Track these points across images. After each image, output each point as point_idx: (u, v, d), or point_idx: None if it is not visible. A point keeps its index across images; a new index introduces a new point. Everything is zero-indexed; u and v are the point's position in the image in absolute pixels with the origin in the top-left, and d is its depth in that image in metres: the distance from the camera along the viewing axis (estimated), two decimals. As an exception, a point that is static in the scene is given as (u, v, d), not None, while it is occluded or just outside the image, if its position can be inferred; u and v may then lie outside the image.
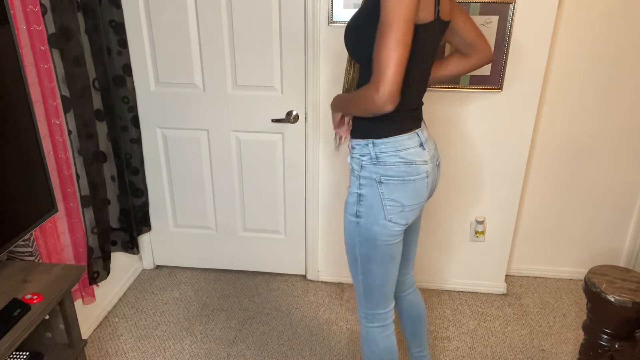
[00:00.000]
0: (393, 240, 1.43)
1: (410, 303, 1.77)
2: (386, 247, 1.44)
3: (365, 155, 1.39)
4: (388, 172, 1.37)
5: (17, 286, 1.46)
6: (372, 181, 1.38)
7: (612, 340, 1.61)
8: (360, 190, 1.41)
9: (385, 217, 1.39)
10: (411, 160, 1.38)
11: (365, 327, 1.58)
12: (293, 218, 2.59)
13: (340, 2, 2.10)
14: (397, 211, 1.39)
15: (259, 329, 2.33)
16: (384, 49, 1.17)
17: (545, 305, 2.51)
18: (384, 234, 1.41)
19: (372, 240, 1.42)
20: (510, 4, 2.04)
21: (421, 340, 1.83)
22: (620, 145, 2.43)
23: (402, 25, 1.16)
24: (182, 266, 2.80)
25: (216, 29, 2.23)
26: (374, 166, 1.38)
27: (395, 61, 1.16)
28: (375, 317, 1.55)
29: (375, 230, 1.41)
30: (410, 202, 1.40)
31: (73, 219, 1.99)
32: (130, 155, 2.45)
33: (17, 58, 1.44)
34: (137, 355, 2.17)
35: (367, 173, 1.39)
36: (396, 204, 1.39)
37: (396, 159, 1.37)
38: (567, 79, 2.32)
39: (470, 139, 2.31)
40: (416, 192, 1.40)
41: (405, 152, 1.37)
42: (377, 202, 1.39)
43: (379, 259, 1.45)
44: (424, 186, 1.41)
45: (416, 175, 1.38)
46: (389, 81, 1.17)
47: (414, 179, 1.38)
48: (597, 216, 2.59)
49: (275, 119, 2.35)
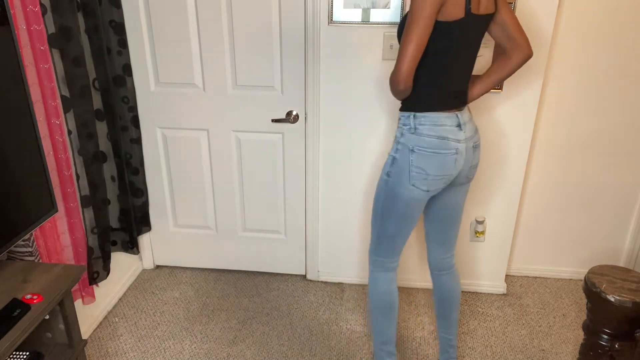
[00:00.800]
0: (412, 203, 1.64)
1: (442, 284, 1.90)
2: (404, 208, 1.65)
3: (407, 125, 1.60)
4: (421, 143, 1.57)
5: (17, 286, 1.46)
6: (406, 148, 1.59)
7: (612, 340, 1.61)
8: (395, 154, 1.63)
9: (409, 181, 1.60)
10: (444, 136, 1.57)
11: (372, 272, 1.82)
12: (293, 218, 2.59)
13: (340, 2, 2.10)
14: (421, 178, 1.59)
15: (259, 329, 2.33)
16: (402, 43, 1.45)
17: (545, 305, 2.51)
18: (406, 195, 1.62)
19: (393, 199, 1.65)
20: (510, 4, 2.04)
21: (449, 323, 1.93)
22: (620, 145, 2.43)
23: (419, 25, 1.41)
24: (182, 266, 2.80)
25: (216, 29, 2.23)
26: (411, 135, 1.59)
27: (408, 54, 1.44)
28: (380, 263, 1.79)
29: (399, 191, 1.63)
30: (434, 172, 1.58)
31: (73, 219, 1.99)
32: (130, 155, 2.45)
33: (17, 58, 1.44)
34: (137, 355, 2.17)
35: (404, 140, 1.60)
36: (421, 171, 1.58)
37: (431, 132, 1.57)
38: (567, 79, 2.32)
39: (470, 139, 2.31)
40: (442, 165, 1.58)
41: (441, 128, 1.57)
42: (405, 168, 1.60)
43: (396, 215, 1.67)
44: (452, 161, 1.59)
45: (445, 150, 1.57)
46: (400, 69, 1.46)
47: (443, 152, 1.57)
48: (597, 216, 2.59)
49: (275, 119, 2.36)
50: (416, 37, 1.42)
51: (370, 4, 2.09)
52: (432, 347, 2.22)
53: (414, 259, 2.58)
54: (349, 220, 2.54)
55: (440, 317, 1.94)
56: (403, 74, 1.46)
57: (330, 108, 2.31)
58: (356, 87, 2.25)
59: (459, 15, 1.45)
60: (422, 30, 1.42)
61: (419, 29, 1.42)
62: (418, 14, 1.41)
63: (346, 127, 2.34)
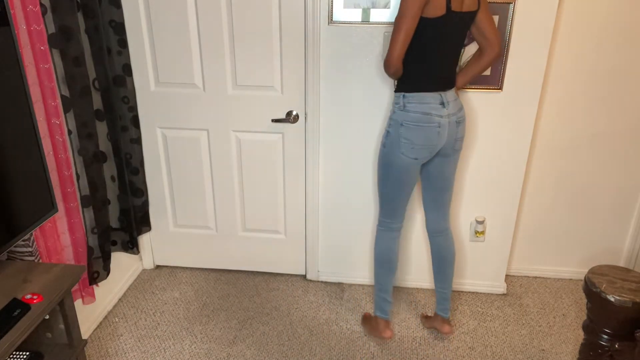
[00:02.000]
0: (404, 170, 1.93)
1: (439, 244, 2.18)
2: (398, 173, 1.95)
3: (398, 103, 1.90)
4: (408, 118, 1.86)
5: (17, 286, 1.46)
6: (397, 123, 1.89)
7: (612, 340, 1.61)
8: (389, 128, 1.93)
9: (400, 151, 1.90)
10: (428, 112, 1.85)
11: (377, 230, 2.13)
12: (293, 218, 2.59)
13: (340, 2, 2.10)
14: (409, 147, 1.88)
15: (259, 329, 2.33)
16: (393, 34, 1.73)
17: (545, 305, 2.51)
18: (398, 162, 1.93)
19: (389, 166, 1.96)
20: (510, 4, 2.04)
21: (444, 278, 2.21)
22: (621, 145, 2.43)
23: (406, 18, 1.68)
24: (182, 266, 2.80)
25: (216, 29, 2.23)
26: (400, 112, 1.88)
27: (397, 43, 1.73)
28: (383, 223, 2.10)
29: (392, 159, 1.94)
30: (419, 142, 1.87)
31: (73, 219, 1.99)
32: (130, 155, 2.45)
33: (17, 58, 1.44)
34: (137, 355, 2.17)
35: (395, 117, 1.90)
36: (408, 142, 1.88)
37: (417, 109, 1.85)
38: (567, 79, 2.32)
39: (471, 139, 2.31)
40: (426, 136, 1.86)
41: (426, 105, 1.85)
42: (396, 139, 1.90)
43: (392, 180, 1.98)
44: (435, 133, 1.87)
45: (429, 124, 1.85)
46: (392, 54, 1.75)
47: (427, 125, 1.85)
48: (597, 216, 2.59)
49: (275, 119, 2.36)
50: (404, 30, 1.70)
51: (370, 4, 2.09)
52: (432, 347, 2.22)
53: (414, 259, 2.58)
54: (349, 220, 2.54)
55: (437, 274, 2.22)
56: (393, 59, 1.75)
57: (330, 108, 2.31)
58: (356, 87, 2.25)
59: (440, 12, 1.70)
60: (409, 25, 1.69)
61: (406, 24, 1.69)
62: (405, 11, 1.68)
63: (346, 127, 2.34)
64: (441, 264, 2.19)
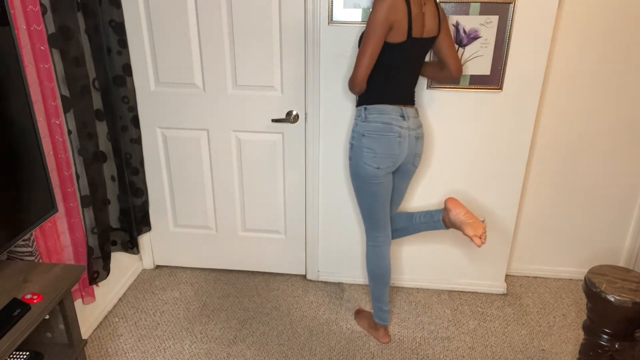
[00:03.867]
0: (371, 181, 1.97)
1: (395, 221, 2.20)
2: (366, 185, 1.99)
3: (360, 116, 1.96)
4: (369, 128, 1.92)
5: (17, 286, 1.46)
6: (359, 134, 1.95)
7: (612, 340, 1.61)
8: (352, 141, 1.98)
9: (363, 161, 1.94)
10: (388, 122, 1.91)
11: (367, 246, 2.17)
12: (293, 218, 2.59)
13: (340, 2, 2.10)
14: (371, 157, 1.93)
15: (259, 329, 2.33)
16: (358, 56, 1.82)
17: (545, 305, 2.51)
18: (363, 173, 1.97)
19: (357, 178, 2.01)
20: (510, 4, 2.04)
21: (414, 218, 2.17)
22: (620, 145, 2.43)
23: (371, 43, 1.79)
24: (182, 266, 2.80)
25: (216, 29, 2.23)
26: (362, 123, 1.94)
27: (362, 65, 1.81)
28: (371, 237, 2.14)
29: (358, 171, 1.98)
30: (381, 151, 1.92)
31: (73, 219, 1.99)
32: (130, 155, 2.45)
33: (17, 58, 1.44)
34: (137, 355, 2.17)
35: (357, 129, 1.96)
36: (370, 151, 1.92)
37: (378, 119, 1.91)
38: (567, 79, 2.32)
39: (471, 139, 2.31)
40: (387, 144, 1.91)
41: (387, 116, 1.91)
42: (359, 150, 1.95)
43: (364, 193, 2.03)
44: (396, 143, 1.92)
45: (390, 133, 1.91)
46: (356, 76, 1.83)
47: (388, 134, 1.91)
48: (597, 216, 2.59)
49: (275, 119, 2.36)
50: (368, 53, 1.80)
51: (370, 3, 2.09)
52: (432, 347, 2.22)
53: (414, 259, 2.58)
54: (349, 220, 2.54)
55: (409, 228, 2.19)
56: (358, 80, 1.83)
57: (330, 108, 2.31)
58: (356, 87, 2.25)
59: (402, 39, 1.81)
60: (373, 49, 1.79)
61: (370, 48, 1.79)
62: (370, 36, 1.78)
63: (346, 127, 2.34)
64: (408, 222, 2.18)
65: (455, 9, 2.07)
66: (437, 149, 2.34)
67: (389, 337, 2.26)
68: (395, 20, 1.76)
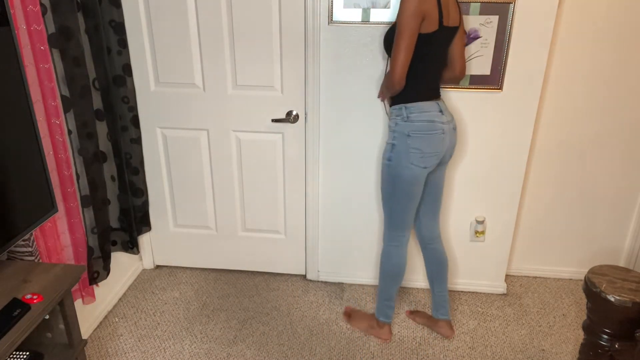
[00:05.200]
0: (413, 181, 1.92)
1: (434, 251, 2.21)
2: (407, 186, 1.93)
3: (400, 115, 1.91)
4: (414, 128, 1.88)
5: (17, 286, 1.46)
6: (402, 135, 1.89)
7: (612, 340, 1.61)
8: (393, 141, 1.92)
9: (409, 161, 1.89)
10: (431, 119, 1.88)
11: (386, 245, 2.11)
12: (293, 218, 2.59)
13: (340, 2, 2.10)
14: (418, 157, 1.89)
15: (259, 329, 2.33)
16: (394, 53, 1.78)
17: (545, 305, 2.51)
18: (407, 174, 1.91)
19: (397, 180, 1.94)
20: (510, 4, 2.04)
21: (442, 281, 2.24)
22: (620, 145, 2.43)
23: (406, 36, 1.74)
24: (182, 266, 2.80)
25: (216, 29, 2.23)
26: (405, 123, 1.89)
27: (400, 60, 1.77)
28: (394, 237, 2.08)
29: (400, 172, 1.92)
30: (428, 150, 1.88)
31: (73, 219, 1.99)
32: (130, 155, 2.45)
33: (17, 58, 1.44)
34: (137, 355, 2.17)
35: (399, 128, 1.90)
36: (417, 151, 1.88)
37: (421, 117, 1.87)
38: (567, 79, 2.32)
39: (471, 139, 2.31)
40: (434, 143, 1.88)
41: (428, 114, 1.88)
42: (403, 151, 1.89)
43: (401, 194, 1.96)
44: (440, 140, 1.90)
45: (434, 131, 1.88)
46: (395, 73, 1.79)
47: (433, 133, 1.88)
48: (597, 216, 2.59)
49: (275, 119, 2.36)
50: (404, 47, 1.75)
51: (370, 4, 2.09)
52: (432, 347, 2.22)
53: (414, 259, 2.58)
54: (349, 220, 2.54)
55: (435, 278, 2.24)
56: (397, 77, 1.79)
57: (330, 108, 2.31)
58: (356, 86, 2.25)
59: (434, 27, 1.78)
60: (409, 43, 1.75)
61: (405, 41, 1.74)
62: (404, 30, 1.73)
63: (346, 127, 2.34)
64: (440, 269, 2.22)
65: (455, 9, 2.07)
66: (437, 149, 2.34)
67: (391, 334, 2.27)
68: (427, 9, 1.73)
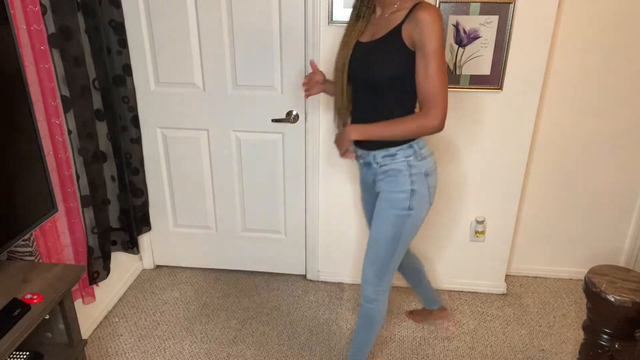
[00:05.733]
0: (421, 223, 1.71)
1: (407, 265, 2.10)
2: (415, 229, 1.70)
3: (410, 155, 1.63)
4: (429, 165, 1.66)
5: (17, 286, 1.46)
6: (421, 175, 1.64)
7: (612, 340, 1.61)
8: (413, 186, 1.63)
9: (430, 201, 1.68)
10: (431, 151, 1.70)
11: (376, 302, 1.77)
12: (293, 218, 2.59)
13: (340, 2, 2.10)
14: (434, 193, 1.70)
15: (259, 329, 2.33)
16: (440, 88, 1.45)
17: (545, 305, 2.51)
18: (423, 217, 1.69)
19: (417, 227, 1.70)
20: (510, 4, 2.04)
21: (423, 283, 2.18)
22: (620, 146, 2.43)
23: (444, 68, 1.44)
24: (182, 266, 2.80)
25: (216, 29, 2.23)
26: (419, 162, 1.64)
27: (446, 95, 1.46)
28: (383, 290, 1.76)
29: (421, 217, 1.68)
30: (436, 184, 1.71)
31: (73, 219, 1.99)
32: (130, 155, 2.45)
33: (17, 58, 1.44)
34: (137, 355, 2.17)
35: (416, 170, 1.63)
36: (434, 188, 1.69)
37: (428, 152, 1.68)
38: (567, 79, 2.32)
39: (470, 139, 2.31)
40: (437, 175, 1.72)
41: (428, 147, 1.69)
42: (425, 192, 1.65)
43: (408, 239, 1.70)
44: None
45: (436, 164, 1.71)
46: (443, 107, 1.47)
47: (436, 166, 1.71)
48: (597, 216, 2.59)
49: (275, 119, 2.36)
50: (444, 65, 1.45)
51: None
52: (432, 347, 2.22)
53: (414, 259, 2.58)
54: (349, 220, 2.54)
55: (416, 284, 2.18)
56: (445, 113, 1.49)
57: (331, 108, 2.31)
58: (356, 87, 2.25)
59: None
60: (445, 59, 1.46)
61: (442, 59, 1.45)
62: (443, 60, 1.45)
63: (346, 127, 2.34)
64: (418, 274, 2.15)
65: (455, 9, 2.07)
66: (436, 149, 2.34)
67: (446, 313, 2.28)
68: None
